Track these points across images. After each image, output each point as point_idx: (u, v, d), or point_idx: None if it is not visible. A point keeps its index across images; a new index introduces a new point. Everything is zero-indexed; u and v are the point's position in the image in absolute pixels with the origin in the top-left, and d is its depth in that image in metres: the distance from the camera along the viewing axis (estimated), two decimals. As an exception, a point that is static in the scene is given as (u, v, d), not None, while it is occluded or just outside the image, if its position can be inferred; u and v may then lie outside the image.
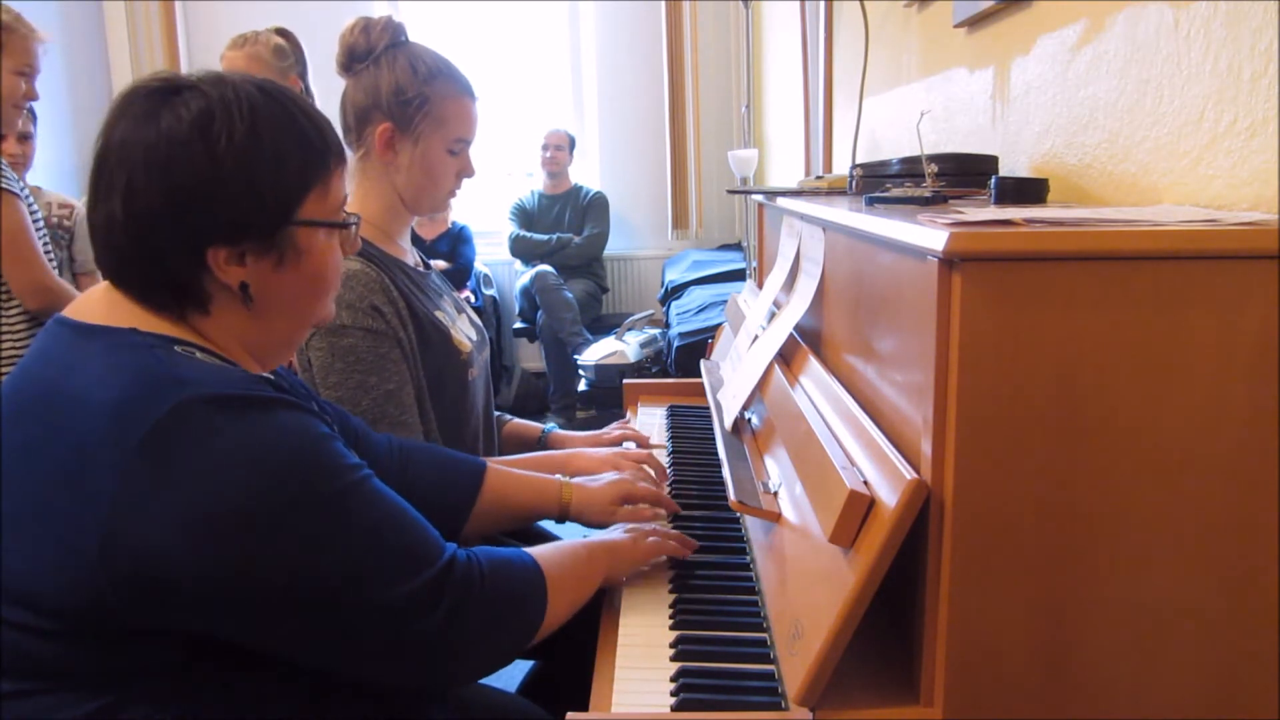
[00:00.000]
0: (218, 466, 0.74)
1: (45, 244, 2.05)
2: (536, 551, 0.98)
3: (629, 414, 1.87)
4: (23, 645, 0.76)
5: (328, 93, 1.85)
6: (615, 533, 1.11)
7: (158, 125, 0.80)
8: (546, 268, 4.62)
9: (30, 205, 2.00)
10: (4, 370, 1.98)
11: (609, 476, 1.28)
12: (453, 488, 1.19)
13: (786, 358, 1.26)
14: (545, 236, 4.81)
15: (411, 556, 0.83)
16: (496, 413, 1.66)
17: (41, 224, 2.05)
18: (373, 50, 1.40)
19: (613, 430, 1.63)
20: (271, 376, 0.90)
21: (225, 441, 0.75)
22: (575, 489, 1.24)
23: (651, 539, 1.10)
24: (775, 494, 1.07)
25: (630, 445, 1.56)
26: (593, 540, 1.06)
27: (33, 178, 2.83)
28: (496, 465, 1.25)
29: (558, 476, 1.26)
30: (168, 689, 0.78)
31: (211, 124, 0.81)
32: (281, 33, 2.54)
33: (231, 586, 0.74)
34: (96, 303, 0.85)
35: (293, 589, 0.76)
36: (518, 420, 1.68)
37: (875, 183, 1.36)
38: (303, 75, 2.57)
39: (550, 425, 1.65)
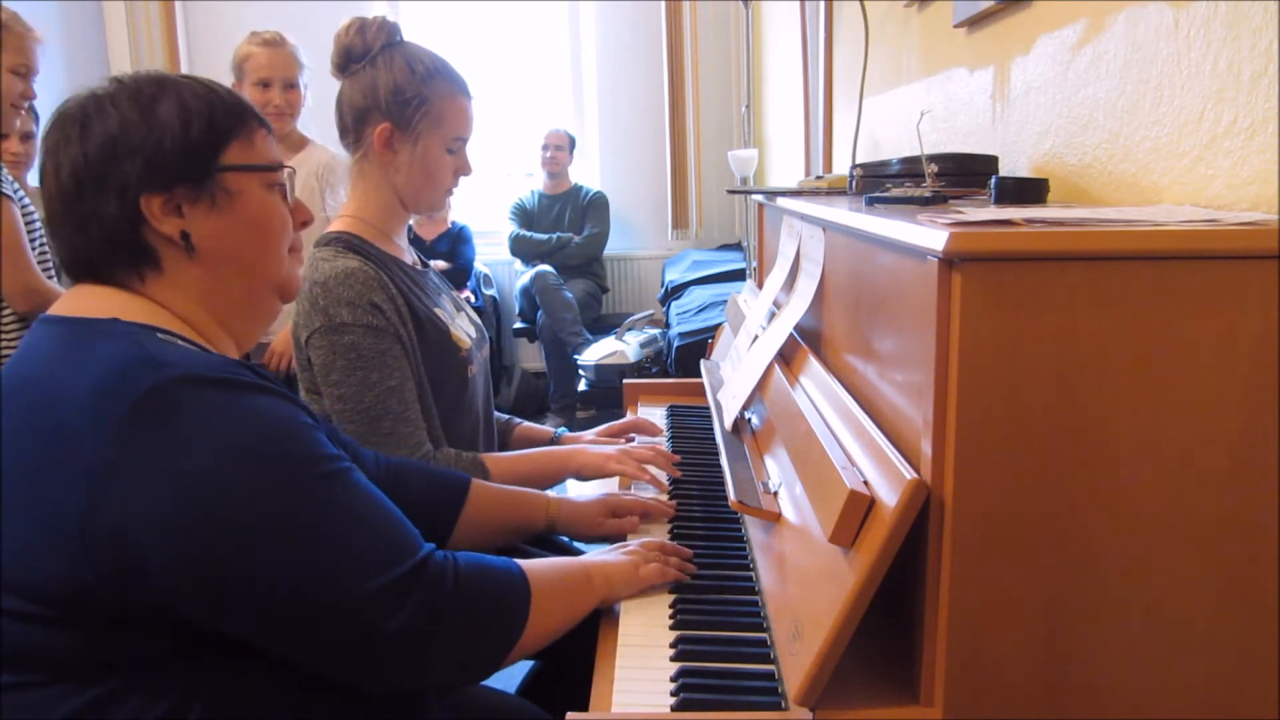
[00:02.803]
0: (193, 446, 0.74)
1: (42, 245, 2.05)
2: (528, 564, 0.96)
3: (629, 414, 1.86)
4: (17, 633, 0.76)
5: (322, 93, 1.84)
6: (615, 555, 1.09)
7: (82, 112, 0.86)
8: (546, 268, 4.62)
9: (25, 206, 2.00)
10: None
11: (597, 492, 1.30)
12: (438, 502, 1.19)
13: (786, 358, 1.26)
14: (545, 236, 4.81)
15: (386, 549, 0.82)
16: (506, 416, 1.66)
17: (37, 225, 2.05)
18: (369, 50, 1.40)
19: (622, 422, 1.63)
20: (255, 366, 0.91)
21: (201, 421, 0.75)
22: (561, 503, 1.26)
23: (653, 565, 1.08)
24: (775, 494, 1.07)
25: (646, 438, 1.55)
26: (592, 562, 1.05)
27: (34, 178, 2.83)
28: (482, 484, 1.24)
29: (547, 492, 1.28)
30: (162, 682, 0.78)
31: (124, 93, 0.86)
32: None
33: (202, 567, 0.74)
34: (79, 300, 0.87)
35: (263, 573, 0.76)
36: (528, 424, 1.68)
37: (875, 183, 1.36)
38: None
39: (562, 428, 1.65)
